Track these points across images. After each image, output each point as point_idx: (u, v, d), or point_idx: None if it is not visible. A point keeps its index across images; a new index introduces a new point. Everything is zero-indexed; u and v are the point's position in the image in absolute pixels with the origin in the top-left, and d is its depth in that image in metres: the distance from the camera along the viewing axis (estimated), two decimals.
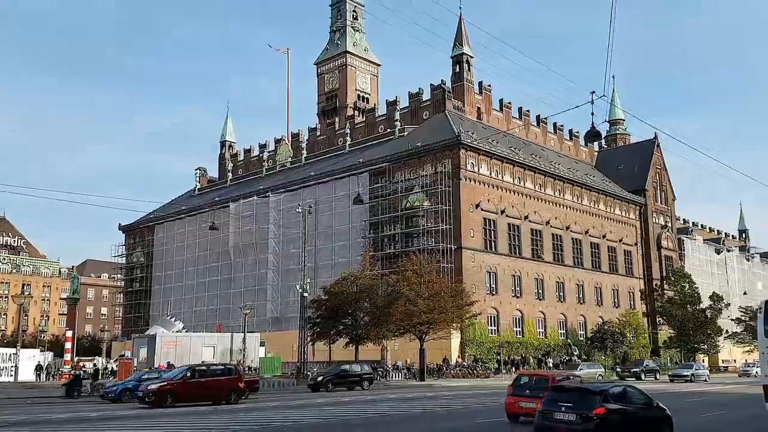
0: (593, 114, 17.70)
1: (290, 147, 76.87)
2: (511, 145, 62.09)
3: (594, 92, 17.57)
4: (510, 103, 69.71)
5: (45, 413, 21.26)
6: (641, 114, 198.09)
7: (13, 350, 44.11)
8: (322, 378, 33.89)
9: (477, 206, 54.62)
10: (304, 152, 74.22)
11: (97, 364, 47.68)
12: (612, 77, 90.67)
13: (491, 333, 53.52)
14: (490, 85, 68.22)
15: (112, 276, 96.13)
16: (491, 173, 56.97)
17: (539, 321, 58.75)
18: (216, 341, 48.55)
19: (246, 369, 43.76)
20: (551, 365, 51.22)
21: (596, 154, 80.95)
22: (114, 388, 28.10)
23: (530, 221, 59.61)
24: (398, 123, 65.31)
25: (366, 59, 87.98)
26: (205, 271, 71.39)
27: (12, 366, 42.46)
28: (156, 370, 33.09)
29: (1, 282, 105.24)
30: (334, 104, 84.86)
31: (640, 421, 12.95)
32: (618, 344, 57.14)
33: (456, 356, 49.51)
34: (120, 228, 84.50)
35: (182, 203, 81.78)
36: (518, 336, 55.89)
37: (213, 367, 27.22)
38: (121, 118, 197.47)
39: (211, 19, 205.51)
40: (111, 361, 53.47)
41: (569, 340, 58.42)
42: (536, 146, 69.02)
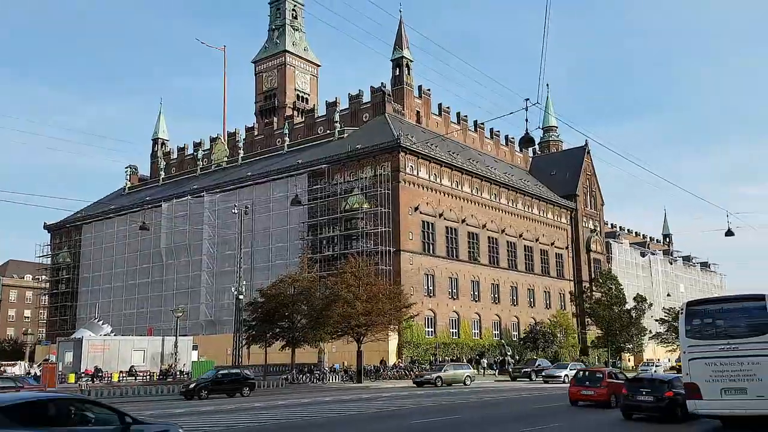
0: (527, 120, 18.09)
1: (226, 146, 75.38)
2: (450, 150, 62.95)
3: (528, 99, 18.00)
4: (449, 108, 70.69)
5: None
6: (575, 121, 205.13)
7: None
8: (196, 385, 30.66)
9: (416, 209, 55.06)
10: (241, 152, 72.92)
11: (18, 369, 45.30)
12: (546, 85, 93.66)
13: (428, 334, 54.03)
14: (430, 90, 69.01)
15: (37, 277, 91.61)
16: (430, 177, 57.55)
17: (475, 322, 59.76)
18: (146, 345, 47.19)
19: (178, 373, 42.65)
20: (485, 365, 52.26)
21: (531, 160, 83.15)
22: None
23: (467, 224, 60.57)
24: (338, 124, 65.11)
25: (305, 59, 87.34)
26: (136, 273, 69.09)
27: None
28: (10, 378, 30.89)
29: None
30: (273, 104, 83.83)
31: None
32: (549, 344, 59.10)
33: (393, 358, 49.69)
34: (45, 227, 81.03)
35: (112, 202, 78.81)
36: (454, 337, 56.65)
37: None
38: (46, 113, 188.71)
39: (147, 14, 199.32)
40: (34, 366, 50.92)
41: (503, 341, 59.69)
42: (474, 151, 70.24)
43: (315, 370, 44.13)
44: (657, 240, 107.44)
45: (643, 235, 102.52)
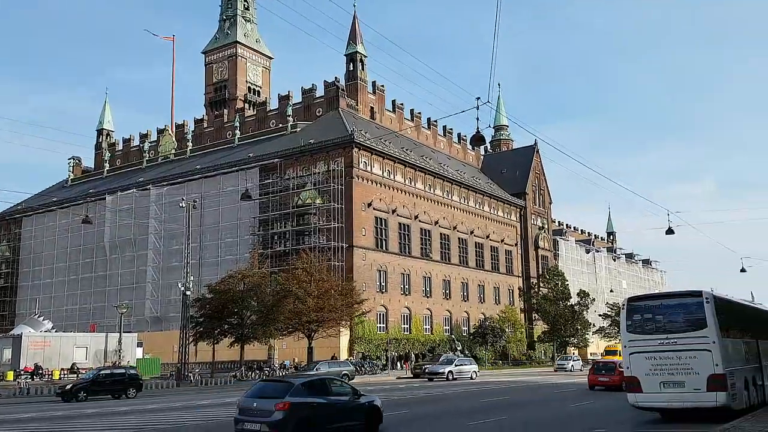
0: (478, 119, 18.36)
1: (174, 138, 73.52)
2: (403, 146, 63.06)
3: (479, 98, 18.23)
4: (402, 105, 70.79)
5: None
6: (525, 120, 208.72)
7: None
8: (73, 385, 28.04)
9: (369, 205, 54.93)
10: (190, 144, 71.26)
11: None
12: (497, 85, 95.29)
13: (380, 330, 54.05)
14: (384, 86, 68.95)
15: None
16: (383, 173, 57.50)
17: (426, 318, 60.12)
18: (89, 342, 45.73)
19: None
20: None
21: (482, 158, 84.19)
22: None
23: (420, 221, 60.83)
24: (290, 118, 64.32)
25: (258, 51, 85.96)
26: (78, 268, 66.76)
27: None
28: None
29: None
30: (223, 95, 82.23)
31: None
32: (497, 339, 60.18)
33: (345, 354, 49.50)
34: None
35: (54, 194, 76.03)
36: (406, 333, 56.87)
37: None
38: None
39: (93, 2, 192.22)
40: None
41: (453, 336, 60.30)
42: (427, 148, 70.58)
43: (264, 367, 43.55)
44: (601, 237, 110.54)
45: (589, 233, 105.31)
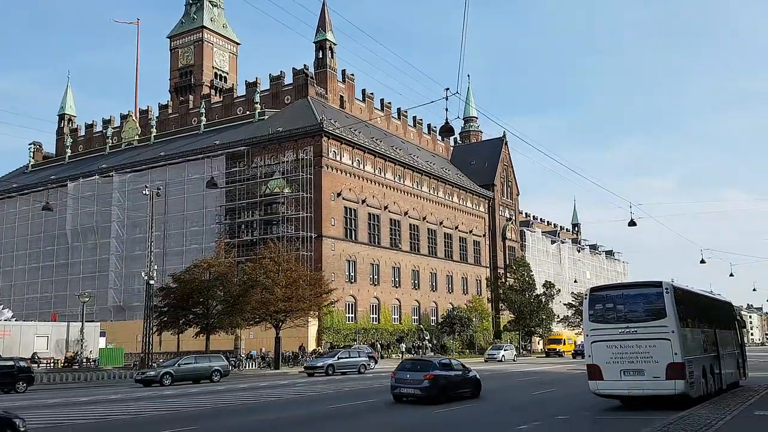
0: (447, 110, 18.52)
1: (138, 124, 72.00)
2: (373, 136, 62.84)
3: (448, 89, 18.19)
4: (372, 94, 70.45)
5: None
6: (494, 112, 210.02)
7: None
8: None
9: (338, 195, 54.67)
10: (154, 130, 69.88)
11: None
12: (467, 76, 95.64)
13: (349, 320, 54.03)
14: (354, 75, 68.45)
15: None
16: (353, 162, 57.24)
17: (395, 308, 60.30)
18: (50, 331, 44.73)
19: (84, 360, 40.71)
20: (404, 350, 52.78)
21: (452, 149, 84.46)
22: None
23: (389, 211, 60.81)
24: (258, 105, 63.51)
25: (224, 36, 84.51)
26: (39, 255, 65.13)
27: None
28: None
29: None
30: (189, 81, 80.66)
31: None
32: (465, 328, 60.77)
33: (313, 344, 49.36)
34: None
35: (13, 180, 73.69)
36: (374, 323, 56.95)
37: None
38: None
39: None
40: None
41: (421, 326, 60.64)
42: (397, 138, 70.49)
43: (231, 357, 43.08)
44: (567, 229, 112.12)
45: (554, 224, 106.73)
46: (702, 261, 50.29)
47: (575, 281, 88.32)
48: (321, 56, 64.75)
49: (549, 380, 27.62)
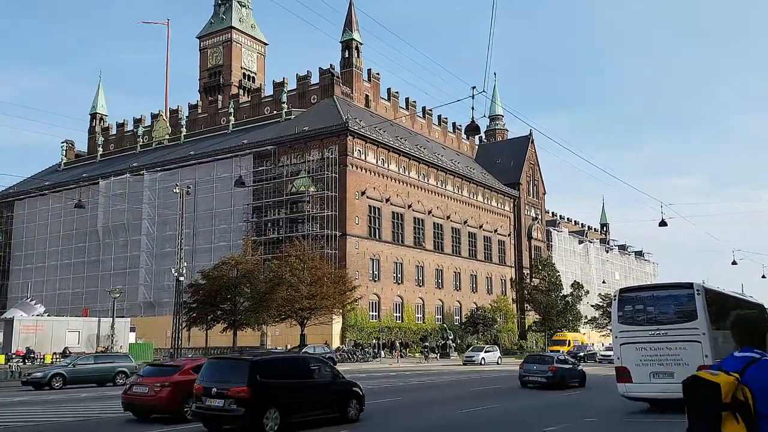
0: (473, 108, 17.86)
1: (168, 123, 73.26)
2: (398, 135, 63.05)
3: (474, 87, 17.83)
4: (398, 93, 70.66)
5: None
6: (521, 110, 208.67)
7: None
8: None
9: (363, 194, 55.02)
10: (184, 130, 71.05)
11: None
12: (493, 74, 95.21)
13: (372, 318, 54.33)
14: (379, 74, 68.73)
15: None
16: (377, 161, 57.54)
17: (418, 306, 60.45)
18: (81, 326, 45.80)
19: None
20: (428, 347, 52.84)
21: (477, 148, 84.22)
22: None
23: (413, 210, 60.98)
24: (285, 105, 64.18)
25: (253, 37, 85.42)
26: (71, 252, 66.71)
27: None
28: None
29: None
30: (218, 81, 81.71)
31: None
32: (489, 328, 60.55)
33: (337, 341, 49.79)
34: None
35: (46, 178, 75.61)
36: (398, 321, 57.19)
37: None
38: None
39: None
40: None
41: (445, 325, 60.68)
42: (421, 137, 70.58)
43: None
44: (595, 229, 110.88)
45: (582, 224, 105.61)
46: (734, 262, 49.56)
47: (603, 282, 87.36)
48: (347, 56, 65.18)
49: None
